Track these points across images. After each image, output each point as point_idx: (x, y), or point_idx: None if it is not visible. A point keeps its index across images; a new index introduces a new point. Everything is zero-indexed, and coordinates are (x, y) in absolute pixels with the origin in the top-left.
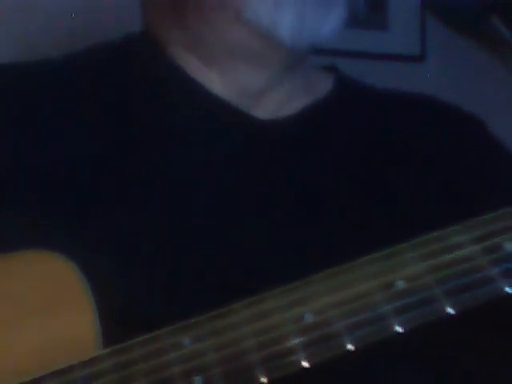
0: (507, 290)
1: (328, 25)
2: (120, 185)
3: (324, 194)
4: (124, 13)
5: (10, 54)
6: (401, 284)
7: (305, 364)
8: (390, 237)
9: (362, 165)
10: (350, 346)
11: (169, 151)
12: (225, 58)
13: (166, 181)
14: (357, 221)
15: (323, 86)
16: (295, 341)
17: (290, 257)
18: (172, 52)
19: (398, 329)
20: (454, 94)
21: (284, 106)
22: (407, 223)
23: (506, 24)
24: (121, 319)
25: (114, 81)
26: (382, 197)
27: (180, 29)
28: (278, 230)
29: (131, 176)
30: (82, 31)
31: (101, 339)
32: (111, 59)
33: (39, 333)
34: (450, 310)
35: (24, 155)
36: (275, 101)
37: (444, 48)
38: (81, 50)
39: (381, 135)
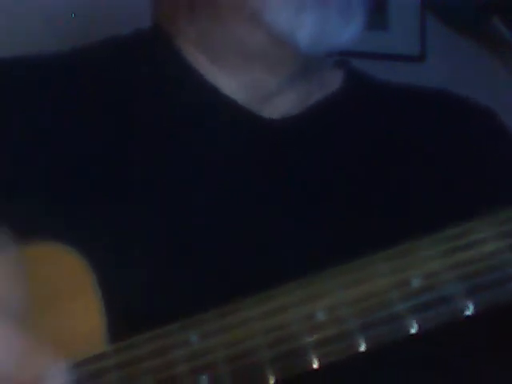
0: None
1: (347, 32)
2: (124, 180)
3: (333, 192)
4: (124, 12)
5: (9, 53)
6: (417, 281)
7: (316, 363)
8: (402, 234)
9: (373, 160)
10: (363, 346)
11: (174, 147)
12: (236, 59)
13: (170, 177)
14: (367, 218)
15: (333, 81)
16: (307, 339)
17: (304, 257)
18: (182, 49)
19: (414, 328)
20: None
21: (295, 105)
22: (422, 219)
23: (506, 24)
24: (127, 314)
25: (122, 76)
26: (395, 193)
27: (192, 26)
28: (284, 229)
29: (137, 170)
30: (82, 31)
31: (107, 333)
32: (119, 54)
33: (45, 327)
34: (470, 310)
35: (29, 149)
36: (286, 101)
37: (444, 48)
38: (89, 43)
39: (392, 130)
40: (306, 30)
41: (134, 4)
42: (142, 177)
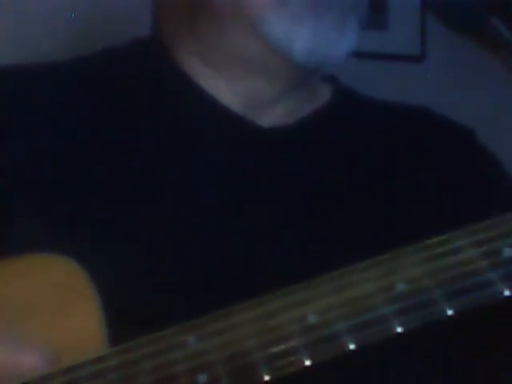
0: (506, 293)
1: (341, 46)
2: (124, 188)
3: (320, 199)
4: (124, 13)
5: (9, 54)
6: (401, 286)
7: (307, 363)
8: (384, 241)
9: (357, 172)
10: (351, 346)
11: (173, 155)
12: (234, 68)
13: (169, 184)
14: (352, 225)
15: (323, 95)
16: (298, 341)
17: (290, 260)
18: (181, 58)
19: (399, 330)
20: (453, 94)
21: (287, 116)
22: (401, 228)
23: (506, 24)
24: (127, 320)
25: (122, 85)
26: (377, 202)
27: (192, 36)
28: (276, 233)
29: (135, 179)
30: (81, 31)
31: (107, 340)
32: (119, 64)
33: (47, 334)
34: (450, 312)
35: (28, 157)
36: (280, 111)
37: (444, 48)
38: (89, 53)
39: (374, 144)
40: (301, 42)
41: (134, 4)
42: (140, 184)
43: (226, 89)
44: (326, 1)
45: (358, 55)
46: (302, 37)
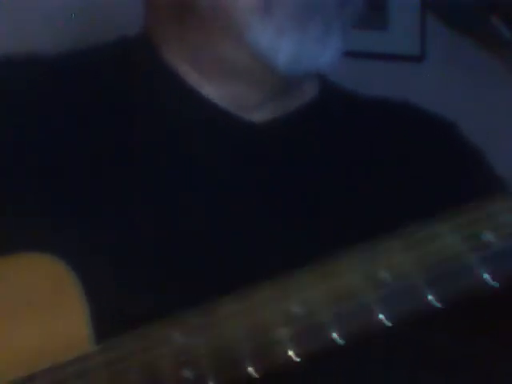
0: (485, 277)
1: (325, 56)
2: (116, 187)
3: (311, 191)
4: (124, 13)
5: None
6: (384, 274)
7: (292, 355)
8: (373, 234)
9: (345, 165)
10: (336, 337)
11: (164, 153)
12: (220, 73)
13: (160, 183)
14: (340, 220)
15: (309, 92)
16: (283, 332)
17: (280, 256)
18: (168, 58)
19: (384, 319)
20: (453, 93)
21: (275, 112)
22: (390, 222)
23: (506, 24)
24: (113, 320)
25: (109, 84)
26: (362, 197)
27: (179, 37)
28: (261, 228)
29: (127, 178)
30: (81, 31)
31: (93, 339)
32: (106, 62)
33: (33, 333)
34: (433, 299)
35: (19, 156)
36: (268, 110)
37: (444, 48)
38: (75, 50)
39: (362, 139)
40: (285, 52)
41: (134, 4)
42: (137, 180)
43: (212, 90)
44: (310, 11)
45: (358, 55)
46: (286, 47)
